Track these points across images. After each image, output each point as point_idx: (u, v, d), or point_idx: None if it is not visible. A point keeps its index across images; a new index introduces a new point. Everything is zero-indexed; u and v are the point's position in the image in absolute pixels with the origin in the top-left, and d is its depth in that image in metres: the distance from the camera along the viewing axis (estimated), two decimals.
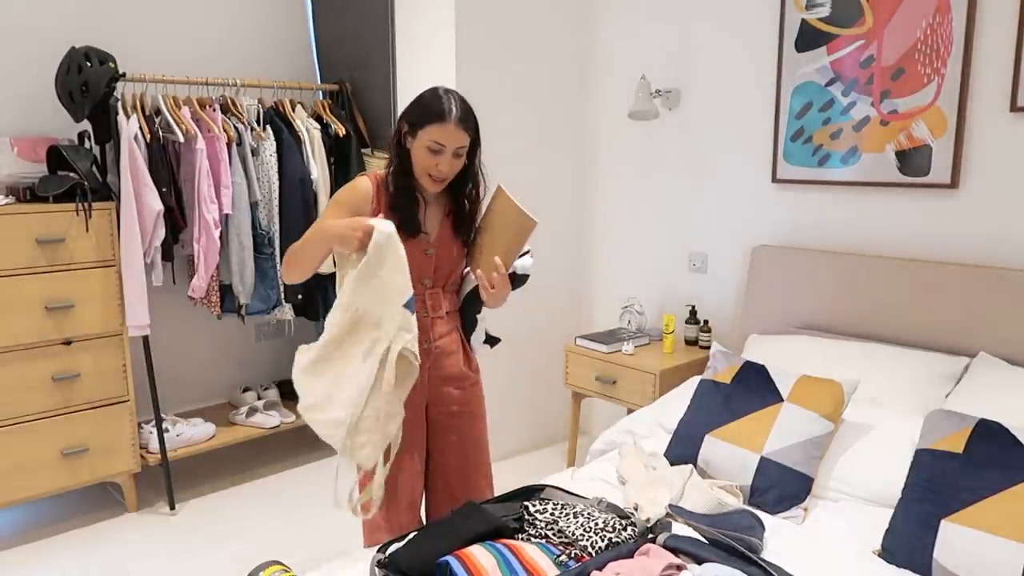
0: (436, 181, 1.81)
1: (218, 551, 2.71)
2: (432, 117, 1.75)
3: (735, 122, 2.99)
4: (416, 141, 1.78)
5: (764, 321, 2.84)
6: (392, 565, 1.50)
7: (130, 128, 2.78)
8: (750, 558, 1.53)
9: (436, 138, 1.75)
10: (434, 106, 1.76)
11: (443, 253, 1.90)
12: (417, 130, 1.77)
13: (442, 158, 1.77)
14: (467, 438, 2.00)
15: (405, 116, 1.81)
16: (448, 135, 1.75)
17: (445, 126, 1.75)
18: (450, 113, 1.75)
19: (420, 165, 1.80)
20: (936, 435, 1.77)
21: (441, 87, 1.80)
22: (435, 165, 1.78)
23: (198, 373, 3.61)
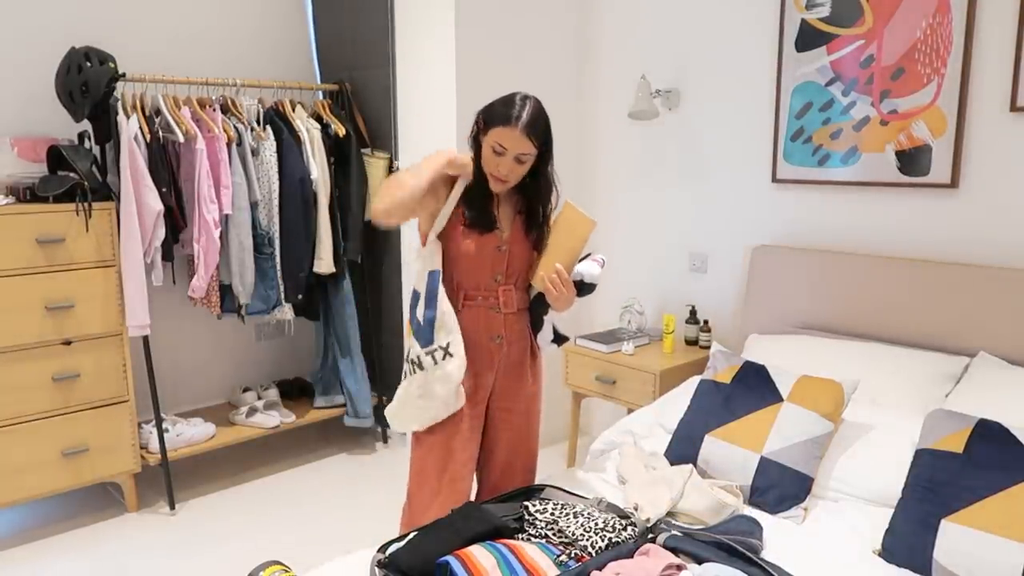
0: (497, 181, 1.86)
1: (218, 551, 2.71)
2: (499, 119, 1.79)
3: (735, 122, 2.99)
4: (485, 139, 1.83)
5: (764, 321, 2.84)
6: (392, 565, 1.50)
7: (130, 128, 2.78)
8: (750, 558, 1.53)
9: (499, 140, 1.79)
10: (504, 109, 1.80)
11: (516, 250, 1.95)
12: (488, 129, 1.82)
13: (503, 160, 1.81)
14: (519, 437, 2.08)
15: (483, 112, 1.86)
16: (511, 139, 1.79)
17: (510, 130, 1.78)
18: (517, 119, 1.79)
19: (485, 163, 1.85)
20: (936, 435, 1.77)
21: (522, 93, 1.84)
22: (496, 166, 1.83)
23: (198, 373, 3.61)
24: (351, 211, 3.39)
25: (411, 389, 1.93)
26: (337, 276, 3.41)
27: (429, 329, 1.90)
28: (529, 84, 3.30)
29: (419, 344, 1.91)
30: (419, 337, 1.91)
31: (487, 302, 1.95)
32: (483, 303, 1.95)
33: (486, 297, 1.95)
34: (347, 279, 3.44)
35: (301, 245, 3.22)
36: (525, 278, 2.00)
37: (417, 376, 1.91)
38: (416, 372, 1.91)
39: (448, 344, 1.89)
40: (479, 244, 1.91)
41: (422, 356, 1.90)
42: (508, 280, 1.97)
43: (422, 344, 1.90)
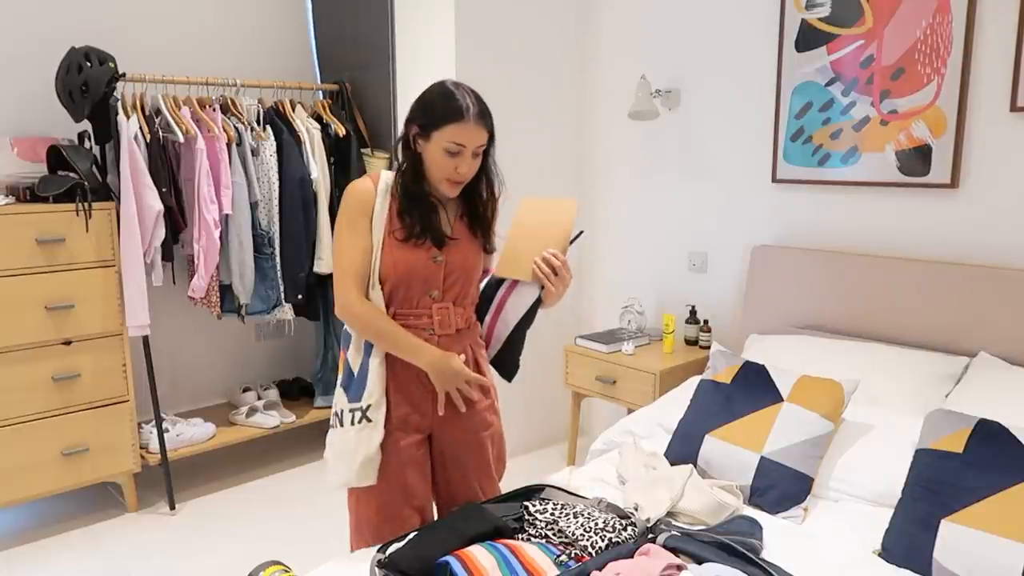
0: (454, 184, 1.67)
1: (218, 551, 2.71)
2: (449, 116, 1.59)
3: (735, 122, 2.99)
4: (430, 144, 1.62)
5: (764, 321, 2.84)
6: (392, 565, 1.50)
7: (130, 128, 2.78)
8: (750, 558, 1.53)
9: (455, 139, 1.59)
10: (450, 104, 1.59)
11: (456, 260, 1.72)
12: (431, 131, 1.61)
13: (461, 159, 1.62)
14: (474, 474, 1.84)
15: (415, 118, 1.65)
16: (468, 134, 1.60)
17: (464, 125, 1.59)
18: (468, 110, 1.59)
19: (437, 169, 1.64)
20: (936, 435, 1.77)
21: (450, 81, 1.65)
22: (454, 168, 1.63)
23: (198, 373, 3.61)
24: None
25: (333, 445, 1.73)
26: None
27: (360, 383, 1.70)
28: (529, 84, 3.31)
29: (346, 396, 1.71)
30: (347, 388, 1.72)
31: (419, 322, 1.70)
32: (414, 324, 1.70)
33: (418, 317, 1.70)
34: None
35: (301, 245, 3.22)
36: (466, 293, 1.76)
37: (337, 431, 1.72)
38: (336, 427, 1.73)
39: (368, 408, 1.68)
40: (411, 257, 1.67)
41: (345, 411, 1.70)
42: (445, 297, 1.72)
43: (350, 398, 1.71)
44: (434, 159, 1.64)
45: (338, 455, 1.72)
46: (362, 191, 1.68)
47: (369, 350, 1.70)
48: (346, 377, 1.73)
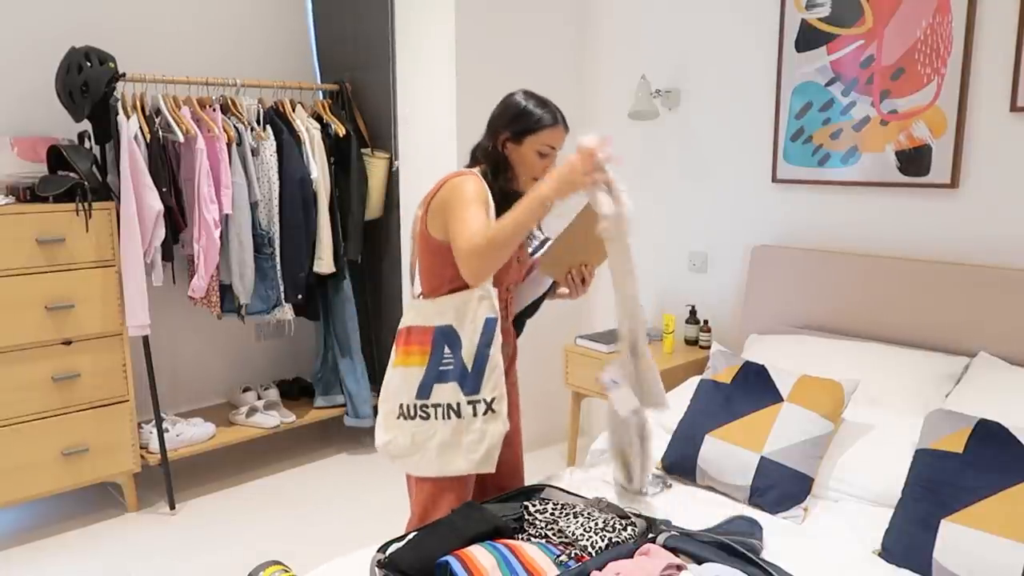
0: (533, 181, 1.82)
1: (218, 551, 2.71)
2: (544, 122, 1.79)
3: (735, 122, 2.99)
4: (522, 147, 1.80)
5: (764, 321, 2.84)
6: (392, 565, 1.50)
7: (130, 128, 2.78)
8: (750, 558, 1.53)
9: (549, 142, 1.80)
10: (542, 111, 1.80)
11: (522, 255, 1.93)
12: (525, 136, 1.79)
13: (550, 160, 1.82)
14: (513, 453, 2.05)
15: (507, 125, 1.81)
16: (558, 137, 1.81)
17: (558, 129, 1.81)
18: (560, 116, 1.81)
19: (528, 169, 1.82)
20: (936, 435, 1.77)
21: (523, 92, 1.84)
22: (543, 168, 1.81)
23: (198, 373, 3.61)
24: (351, 211, 3.39)
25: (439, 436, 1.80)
26: (337, 276, 3.41)
27: (477, 377, 1.78)
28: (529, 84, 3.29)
29: (462, 390, 1.78)
30: (462, 382, 1.79)
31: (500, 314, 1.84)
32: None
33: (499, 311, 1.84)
34: (347, 279, 3.44)
35: (301, 245, 3.22)
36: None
37: (451, 422, 1.79)
38: (450, 418, 1.79)
39: (493, 400, 1.79)
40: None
41: (463, 403, 1.78)
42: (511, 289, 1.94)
43: (466, 390, 1.78)
44: (526, 161, 1.81)
45: (453, 445, 1.80)
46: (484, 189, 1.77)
47: (487, 344, 1.79)
48: (456, 372, 1.79)
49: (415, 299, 1.89)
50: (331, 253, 3.32)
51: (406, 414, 1.84)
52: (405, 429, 1.84)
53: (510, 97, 1.85)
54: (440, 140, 3.16)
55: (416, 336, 1.83)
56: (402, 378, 1.85)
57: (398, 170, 3.42)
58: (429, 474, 1.84)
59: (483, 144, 1.87)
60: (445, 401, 1.80)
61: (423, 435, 1.82)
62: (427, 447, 1.82)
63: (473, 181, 1.75)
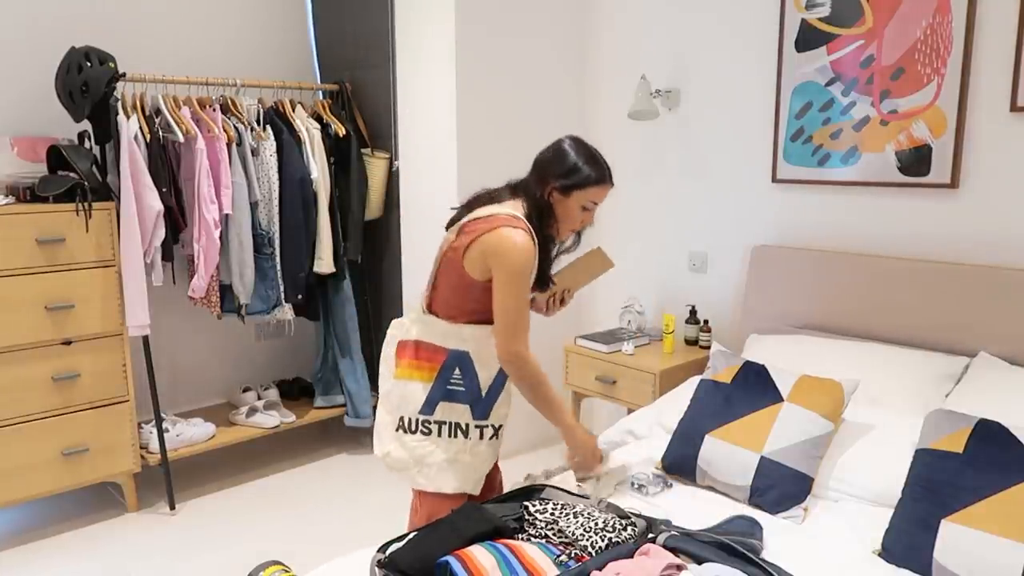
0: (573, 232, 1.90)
1: (218, 551, 2.71)
2: (594, 179, 1.79)
3: (735, 122, 2.99)
4: (569, 200, 1.80)
5: (764, 321, 2.84)
6: (392, 565, 1.50)
7: (130, 128, 2.78)
8: (750, 558, 1.53)
9: (594, 198, 1.81)
10: (594, 167, 1.80)
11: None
12: (573, 191, 1.79)
13: (590, 214, 1.85)
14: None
15: (559, 176, 1.79)
16: (604, 193, 1.83)
17: (605, 186, 1.82)
18: (608, 174, 1.82)
19: (570, 221, 1.84)
20: (936, 435, 1.77)
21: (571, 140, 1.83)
22: (582, 221, 1.85)
23: (198, 373, 3.61)
24: (351, 211, 3.39)
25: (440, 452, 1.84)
26: (337, 276, 3.41)
27: (489, 403, 1.86)
28: (529, 84, 3.31)
29: (472, 413, 1.83)
30: (474, 406, 1.84)
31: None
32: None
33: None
34: (347, 279, 3.44)
35: (301, 245, 3.22)
36: None
37: (456, 441, 1.84)
38: (456, 436, 1.84)
39: (500, 428, 1.89)
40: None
41: (471, 425, 1.84)
42: None
43: (476, 415, 1.84)
44: (571, 213, 1.83)
45: (457, 463, 1.85)
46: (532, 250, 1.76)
47: (503, 377, 1.86)
48: (470, 395, 1.84)
49: (426, 314, 1.87)
50: (331, 253, 3.32)
51: (406, 428, 1.85)
52: (405, 442, 1.86)
53: (561, 145, 1.83)
54: (440, 140, 3.16)
55: (426, 353, 1.84)
56: (405, 391, 1.85)
57: (398, 170, 3.42)
58: (425, 488, 1.86)
59: (530, 189, 1.83)
60: (452, 420, 1.84)
61: (423, 450, 1.84)
62: (427, 462, 1.84)
63: (525, 242, 1.73)
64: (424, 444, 1.84)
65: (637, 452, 2.24)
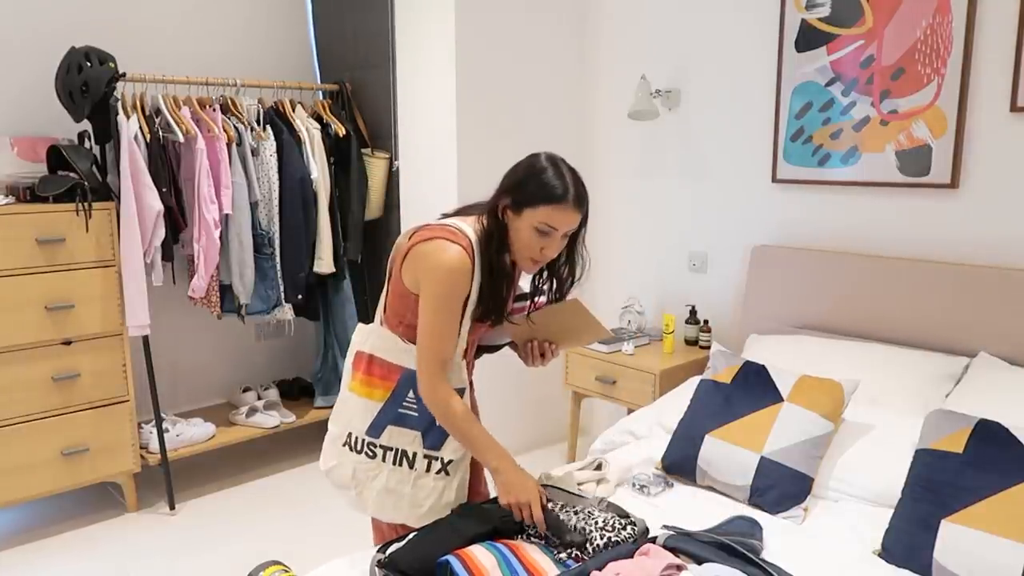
0: (536, 263, 1.62)
1: (218, 551, 2.71)
2: (545, 196, 1.53)
3: (735, 122, 2.99)
4: (520, 220, 1.55)
5: (764, 321, 2.84)
6: (392, 565, 1.50)
7: (130, 128, 2.78)
8: (750, 558, 1.53)
9: (548, 220, 1.53)
10: (547, 183, 1.53)
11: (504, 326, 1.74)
12: (523, 208, 1.54)
13: (550, 241, 1.56)
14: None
15: (509, 191, 1.57)
16: (562, 217, 1.54)
17: (561, 207, 1.53)
18: (567, 193, 1.53)
19: (523, 247, 1.58)
20: (936, 435, 1.77)
21: (547, 156, 1.58)
22: (540, 249, 1.57)
23: (198, 373, 3.61)
24: (351, 211, 3.39)
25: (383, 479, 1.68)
26: (337, 276, 3.41)
27: (442, 434, 1.66)
28: (529, 84, 3.31)
29: (423, 441, 1.66)
30: (425, 433, 1.67)
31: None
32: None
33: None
34: (347, 279, 3.44)
35: (301, 245, 3.22)
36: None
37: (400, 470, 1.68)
38: (400, 465, 1.68)
39: (450, 463, 1.67)
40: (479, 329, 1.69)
41: (419, 455, 1.67)
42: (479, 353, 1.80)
43: (427, 443, 1.66)
44: (522, 236, 1.57)
45: (396, 493, 1.68)
46: (466, 271, 1.56)
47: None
48: (423, 421, 1.66)
49: (381, 326, 1.71)
50: (331, 253, 3.32)
51: (352, 445, 1.73)
52: (348, 460, 1.73)
53: (530, 156, 1.61)
54: (440, 140, 3.16)
55: (379, 370, 1.69)
56: (356, 407, 1.72)
57: (398, 170, 3.42)
58: (363, 513, 1.74)
59: (487, 203, 1.62)
60: (399, 447, 1.68)
61: (364, 473, 1.71)
62: (368, 486, 1.71)
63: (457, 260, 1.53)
64: (366, 466, 1.70)
65: (637, 452, 2.24)
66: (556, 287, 1.74)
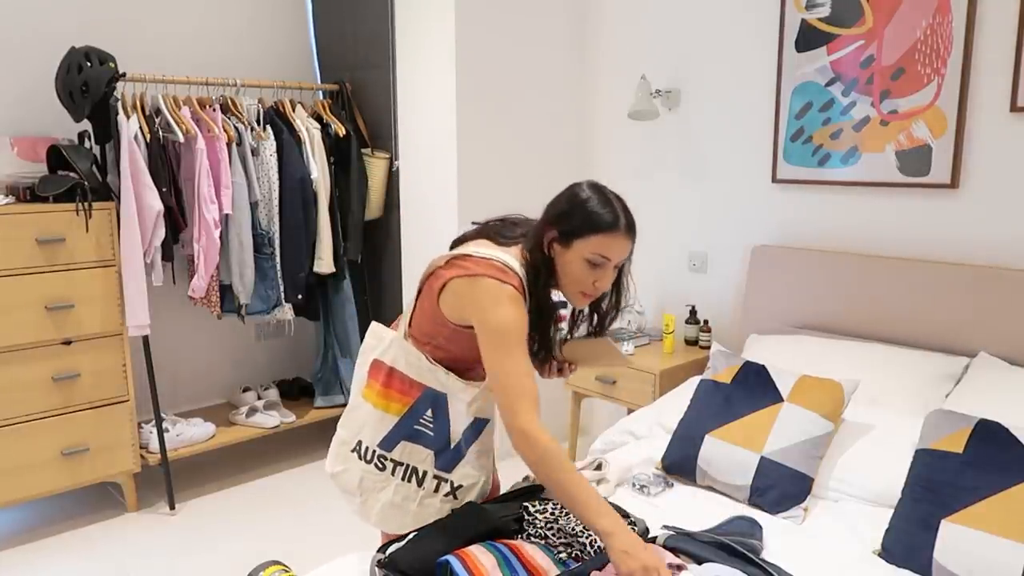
0: (587, 297, 1.54)
1: (218, 551, 2.71)
2: (598, 226, 1.46)
3: (735, 122, 2.99)
4: (570, 251, 1.49)
5: (764, 321, 2.84)
6: (392, 565, 1.50)
7: (130, 128, 2.78)
8: (750, 558, 1.53)
9: (601, 250, 1.47)
10: (598, 212, 1.47)
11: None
12: (573, 240, 1.48)
13: (603, 272, 1.50)
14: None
15: (554, 222, 1.50)
16: (615, 246, 1.47)
17: (613, 236, 1.46)
18: (618, 220, 1.47)
19: (573, 280, 1.51)
20: (936, 435, 1.77)
21: (588, 183, 1.51)
22: (593, 282, 1.50)
23: (198, 373, 3.61)
24: (351, 211, 3.39)
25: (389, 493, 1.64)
26: (337, 276, 3.41)
27: (456, 456, 1.61)
28: (529, 84, 3.30)
29: (435, 462, 1.61)
30: (439, 454, 1.61)
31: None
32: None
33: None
34: (347, 279, 3.44)
35: (301, 245, 3.22)
36: None
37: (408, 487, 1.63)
38: (409, 482, 1.63)
39: (459, 488, 1.63)
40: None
41: (429, 474, 1.62)
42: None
43: (439, 464, 1.61)
44: (572, 269, 1.50)
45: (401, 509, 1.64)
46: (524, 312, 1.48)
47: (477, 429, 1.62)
48: (438, 442, 1.61)
49: (406, 339, 1.64)
50: (331, 253, 3.32)
51: (361, 454, 1.67)
52: (357, 467, 1.67)
53: (571, 187, 1.53)
54: (440, 140, 3.16)
55: (399, 384, 1.62)
56: (370, 416, 1.66)
57: (398, 170, 3.42)
58: (366, 522, 1.70)
59: (531, 236, 1.54)
60: (411, 463, 1.63)
61: (371, 482, 1.66)
62: (373, 497, 1.66)
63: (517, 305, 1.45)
64: (374, 477, 1.65)
65: (637, 452, 2.24)
66: (598, 320, 1.67)
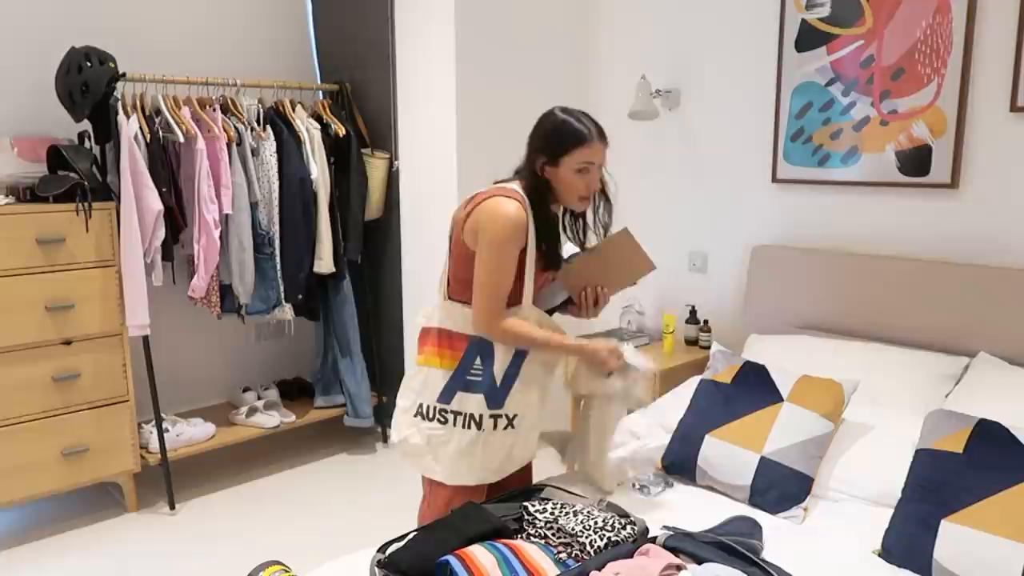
0: (585, 200, 1.85)
1: (218, 551, 2.71)
2: (577, 140, 1.77)
3: (735, 122, 2.99)
4: (560, 169, 1.79)
5: (764, 321, 2.84)
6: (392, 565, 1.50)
7: (130, 128, 2.78)
8: (750, 558, 1.53)
9: (586, 159, 1.78)
10: (576, 131, 1.78)
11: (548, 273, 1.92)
12: (560, 158, 1.78)
13: (591, 175, 1.81)
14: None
15: (541, 149, 1.80)
16: (595, 152, 1.79)
17: (593, 145, 1.78)
18: (591, 132, 1.78)
19: (570, 189, 1.81)
20: (936, 435, 1.77)
21: (560, 108, 1.82)
22: (586, 185, 1.81)
23: (198, 373, 3.60)
24: (351, 211, 3.39)
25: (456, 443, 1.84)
26: (337, 276, 3.41)
27: (504, 392, 1.84)
28: (529, 84, 3.30)
29: (487, 403, 1.82)
30: (489, 396, 1.83)
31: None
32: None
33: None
34: (347, 279, 3.44)
35: (301, 245, 3.22)
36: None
37: (470, 433, 1.83)
38: (470, 428, 1.83)
39: (514, 417, 1.85)
40: (540, 280, 1.88)
41: (485, 416, 1.83)
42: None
43: (490, 404, 1.83)
44: (567, 181, 1.80)
45: (468, 455, 1.84)
46: (523, 223, 1.77)
47: (516, 364, 1.84)
48: (484, 385, 1.83)
49: (447, 300, 1.88)
50: (331, 253, 3.32)
51: (424, 414, 1.87)
52: (422, 428, 1.87)
53: (545, 115, 1.83)
54: (440, 140, 3.15)
55: (448, 340, 1.86)
56: (426, 378, 1.87)
57: (398, 170, 3.42)
58: (438, 479, 1.87)
59: (525, 167, 1.85)
60: (468, 411, 1.83)
61: (439, 439, 1.85)
62: (442, 451, 1.85)
63: (514, 211, 1.74)
64: (440, 432, 1.85)
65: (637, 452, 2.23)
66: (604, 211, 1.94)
